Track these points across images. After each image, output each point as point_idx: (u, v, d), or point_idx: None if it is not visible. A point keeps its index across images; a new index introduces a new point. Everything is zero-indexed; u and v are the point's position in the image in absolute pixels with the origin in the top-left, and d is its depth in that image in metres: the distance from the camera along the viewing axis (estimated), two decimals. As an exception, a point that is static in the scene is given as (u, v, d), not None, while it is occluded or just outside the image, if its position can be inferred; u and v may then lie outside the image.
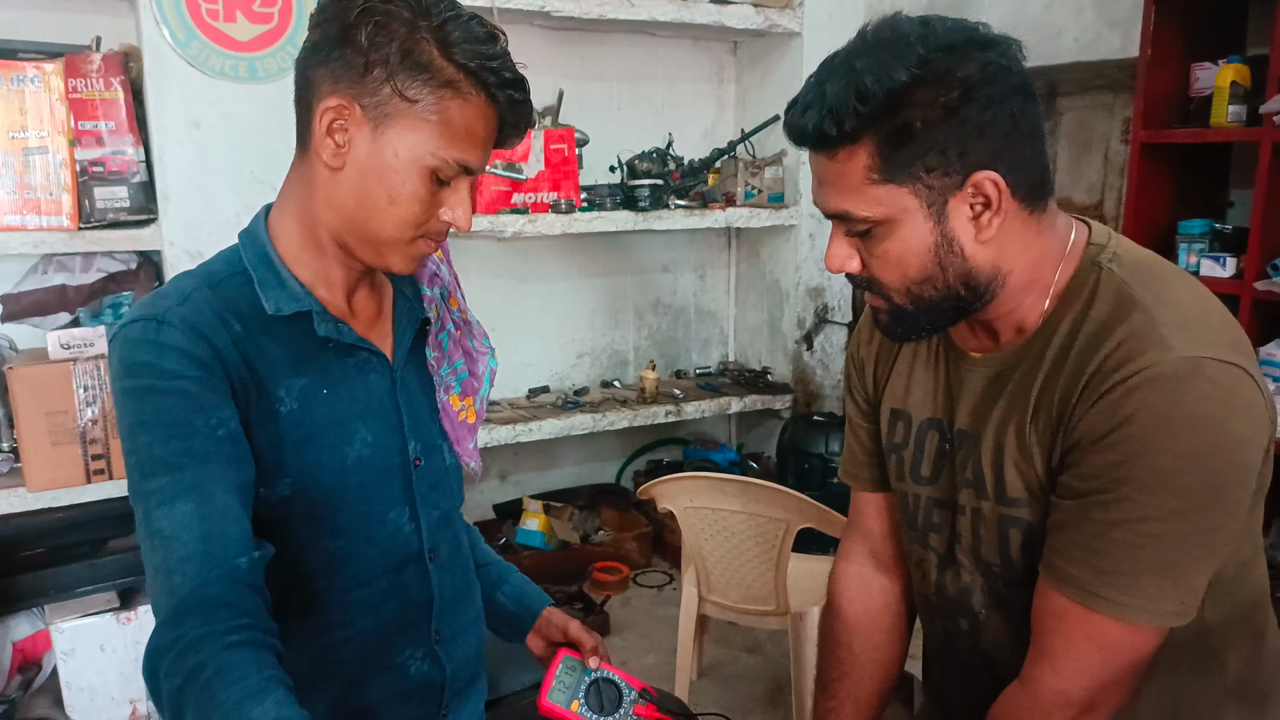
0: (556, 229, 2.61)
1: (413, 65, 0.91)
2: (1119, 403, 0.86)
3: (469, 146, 0.94)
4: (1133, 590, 0.88)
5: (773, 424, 3.24)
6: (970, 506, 1.04)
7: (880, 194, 0.90)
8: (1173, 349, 0.85)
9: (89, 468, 2.06)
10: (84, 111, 2.05)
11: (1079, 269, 0.96)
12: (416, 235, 0.97)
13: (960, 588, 1.08)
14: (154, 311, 0.94)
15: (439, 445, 1.14)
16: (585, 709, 1.07)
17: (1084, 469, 0.90)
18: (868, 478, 1.22)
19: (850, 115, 0.87)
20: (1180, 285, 0.93)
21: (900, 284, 0.95)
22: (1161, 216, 2.17)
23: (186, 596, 0.85)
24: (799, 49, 2.98)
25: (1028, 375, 0.97)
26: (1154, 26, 2.06)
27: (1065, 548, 0.92)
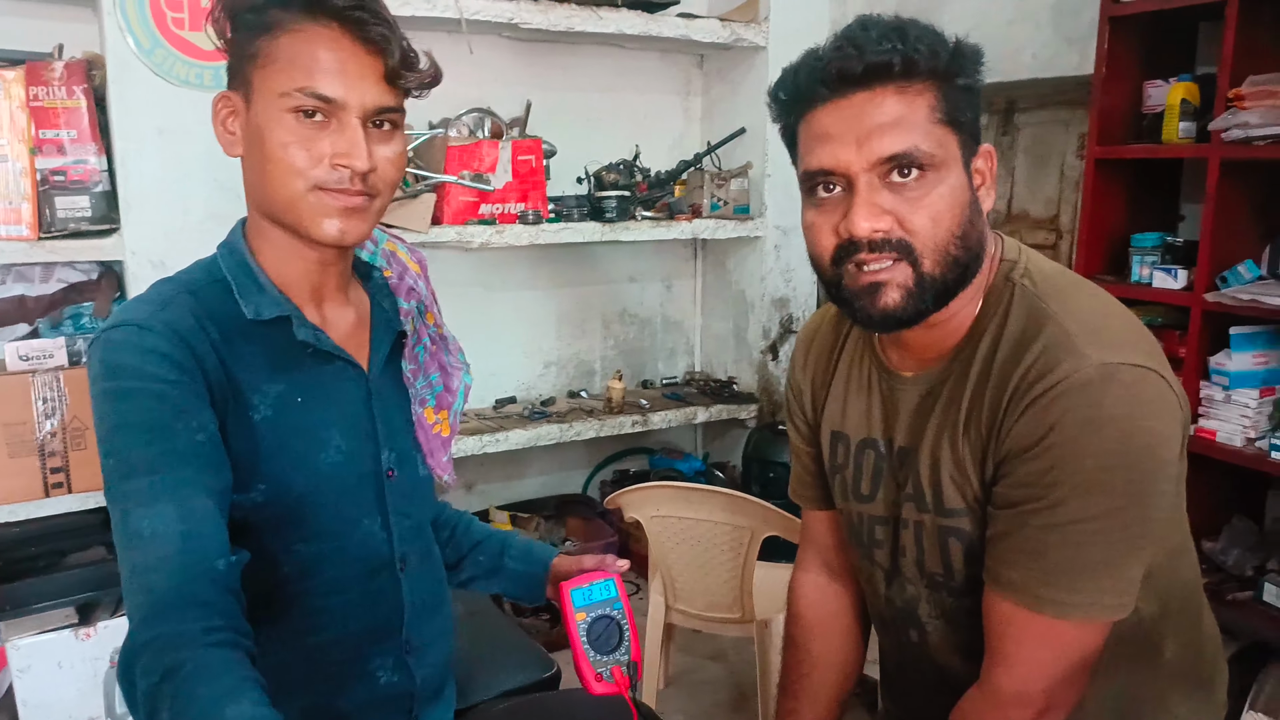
0: (524, 240, 2.62)
1: (248, 27, 0.96)
2: (1043, 412, 0.91)
3: (317, 74, 0.94)
4: (1073, 588, 0.93)
5: (738, 433, 3.26)
6: (913, 520, 1.07)
7: (941, 135, 0.92)
8: (1087, 357, 0.90)
9: (47, 481, 2.03)
10: (45, 120, 2.02)
11: (994, 284, 1.01)
12: (312, 186, 0.96)
13: (906, 599, 1.12)
14: (136, 316, 0.95)
15: (413, 456, 1.14)
16: (584, 629, 1.05)
17: (1016, 478, 0.95)
18: (814, 497, 1.27)
19: (931, 46, 0.90)
20: (1086, 295, 0.99)
21: (942, 239, 0.93)
22: (1115, 230, 2.23)
23: (165, 595, 0.85)
24: (764, 63, 3.01)
25: (956, 389, 1.01)
26: (1109, 45, 2.12)
27: (1006, 555, 0.96)
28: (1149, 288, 2.10)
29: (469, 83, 2.81)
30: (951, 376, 1.02)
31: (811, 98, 0.94)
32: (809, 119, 0.95)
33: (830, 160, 0.93)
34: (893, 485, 1.10)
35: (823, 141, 0.93)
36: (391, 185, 1.01)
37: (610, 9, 2.69)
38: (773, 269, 3.14)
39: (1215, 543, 2.07)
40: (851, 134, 0.91)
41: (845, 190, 0.94)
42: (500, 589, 1.31)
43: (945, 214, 0.93)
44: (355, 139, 0.95)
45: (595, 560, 1.16)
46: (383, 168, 0.99)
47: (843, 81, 0.91)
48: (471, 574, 1.31)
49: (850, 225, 0.93)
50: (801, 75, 0.95)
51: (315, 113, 0.95)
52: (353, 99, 0.95)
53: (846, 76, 0.90)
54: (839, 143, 0.92)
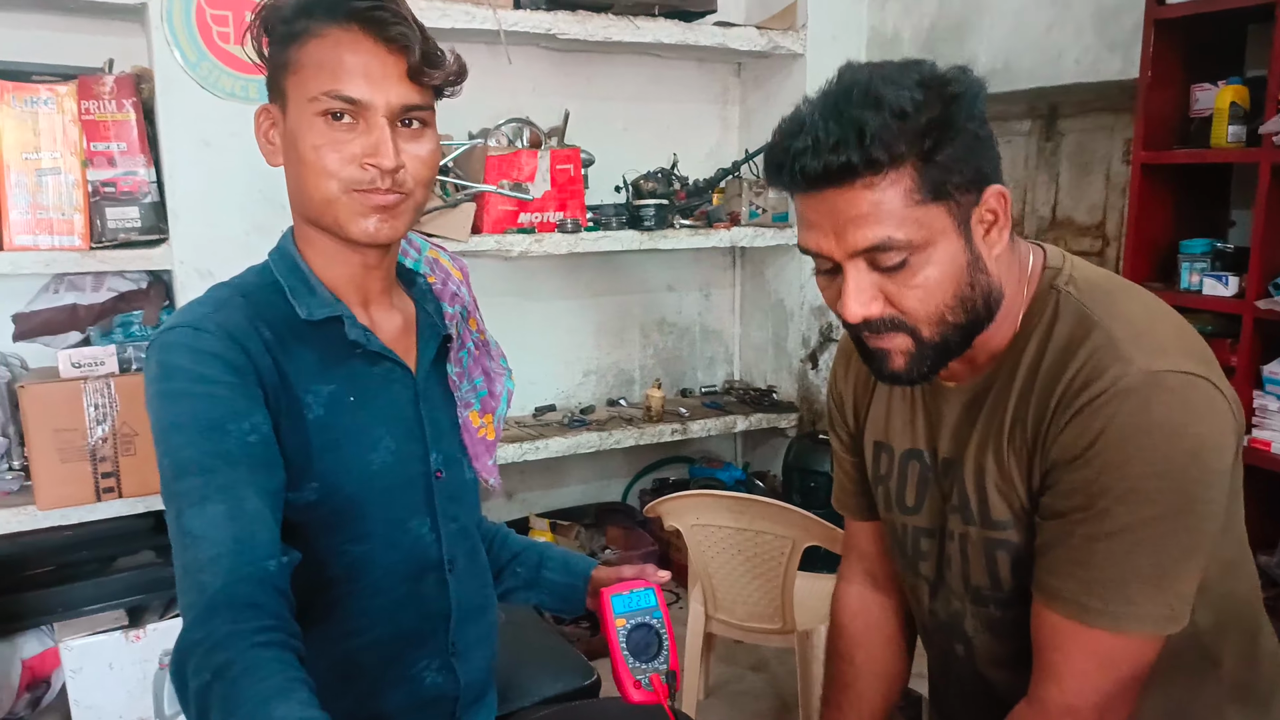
0: (562, 248, 2.63)
1: (280, 39, 0.99)
2: (1089, 420, 0.90)
3: (342, 76, 0.96)
4: (1122, 599, 0.91)
5: (778, 442, 3.25)
6: (958, 532, 1.06)
7: (923, 215, 0.89)
8: (1133, 363, 0.89)
9: (98, 486, 2.07)
10: (96, 132, 2.07)
11: (1038, 293, 0.99)
12: (345, 186, 0.98)
13: (951, 613, 1.11)
14: (192, 318, 0.98)
15: (459, 459, 1.16)
16: (624, 636, 1.05)
17: (1063, 488, 0.93)
18: (857, 506, 1.25)
19: (894, 135, 0.85)
20: (1132, 300, 0.97)
21: (936, 312, 0.92)
22: (1163, 236, 2.19)
23: (216, 595, 0.86)
24: (802, 70, 3.01)
25: (1000, 398, 1.00)
26: (1154, 48, 2.08)
27: (1054, 566, 0.95)
28: (1199, 295, 2.06)
29: (507, 93, 2.84)
30: (995, 385, 1.01)
31: (790, 186, 0.93)
32: (794, 198, 0.95)
33: (814, 245, 0.93)
34: (938, 496, 1.09)
35: (808, 226, 0.93)
36: (424, 183, 1.03)
37: (647, 18, 2.70)
38: (811, 277, 3.10)
39: (1271, 556, 2.01)
40: (829, 225, 0.90)
41: (837, 269, 0.93)
42: (539, 600, 1.32)
43: (936, 289, 0.91)
44: (382, 138, 0.97)
45: (635, 570, 1.16)
46: (412, 165, 1.00)
47: (808, 180, 0.89)
48: (510, 586, 1.31)
49: (842, 311, 0.93)
50: (771, 169, 0.93)
51: (343, 115, 0.97)
52: (378, 99, 0.97)
53: (810, 177, 0.88)
54: (820, 232, 0.92)
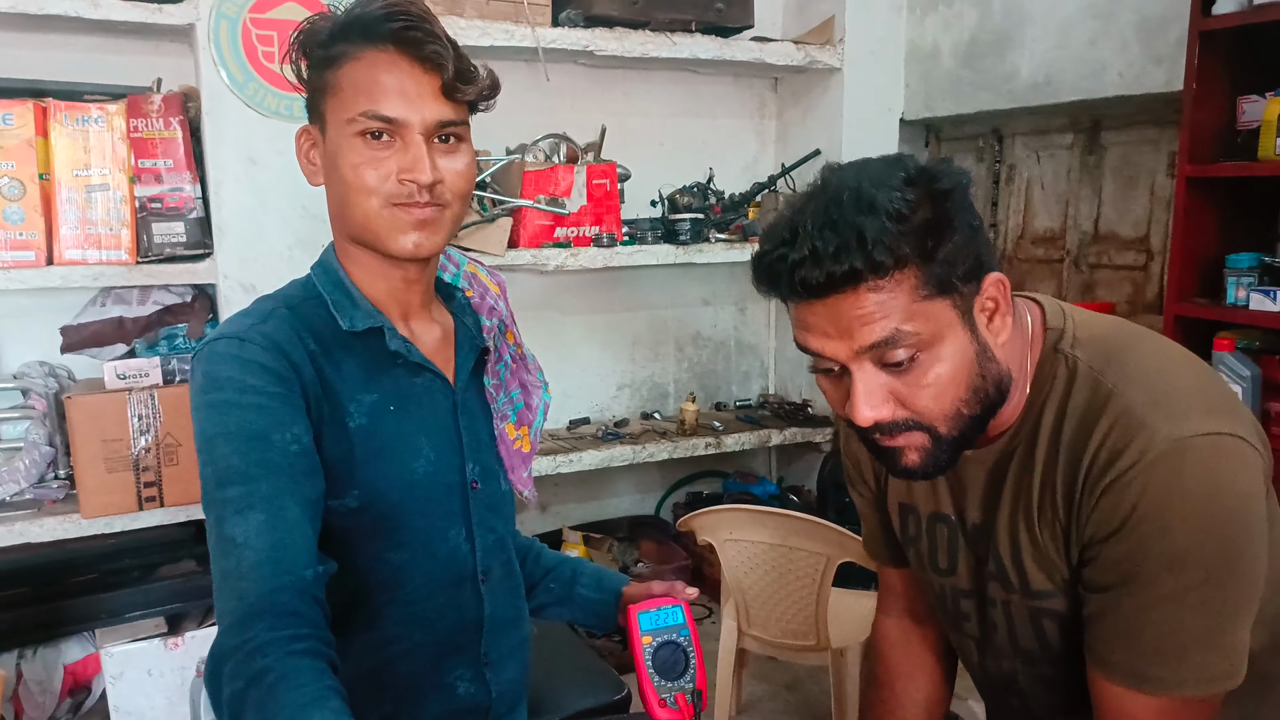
0: (598, 262, 2.64)
1: (318, 63, 1.02)
2: (1120, 496, 0.89)
3: (378, 96, 0.98)
4: (1181, 665, 0.90)
5: (813, 457, 3.22)
6: (1000, 599, 1.05)
7: (929, 310, 0.87)
8: (1158, 431, 0.87)
9: (141, 495, 2.11)
10: (144, 150, 2.12)
11: (1043, 357, 0.98)
12: (386, 203, 1.00)
13: (1003, 672, 1.10)
14: (237, 330, 1.00)
15: (495, 470, 1.17)
16: (650, 653, 1.05)
17: (1103, 562, 0.92)
18: (886, 556, 1.24)
19: (895, 238, 0.84)
20: (1142, 357, 0.95)
21: (951, 408, 0.90)
22: (1209, 250, 2.14)
23: (255, 602, 0.88)
24: (839, 85, 3.00)
25: (1024, 468, 0.98)
26: (1199, 60, 2.05)
27: (1105, 637, 0.94)
28: (1245, 310, 2.01)
29: (545, 109, 2.86)
30: (1016, 455, 0.99)
31: (786, 294, 0.90)
32: (790, 305, 0.92)
33: (818, 347, 0.90)
34: (972, 559, 1.07)
35: (808, 330, 0.91)
36: (461, 196, 1.05)
37: (684, 35, 2.71)
38: (848, 291, 3.10)
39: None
40: (832, 327, 0.88)
41: (844, 370, 0.91)
42: (572, 616, 1.32)
43: (948, 385, 0.89)
44: (418, 154, 0.99)
45: (664, 586, 1.16)
46: (450, 179, 1.02)
47: (809, 291, 0.87)
48: (543, 601, 1.32)
49: (853, 416, 0.90)
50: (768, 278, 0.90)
51: (381, 133, 0.99)
52: (413, 116, 0.99)
53: (810, 288, 0.86)
54: (822, 335, 0.89)
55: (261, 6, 2.20)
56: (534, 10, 2.51)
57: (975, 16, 2.83)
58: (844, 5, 2.95)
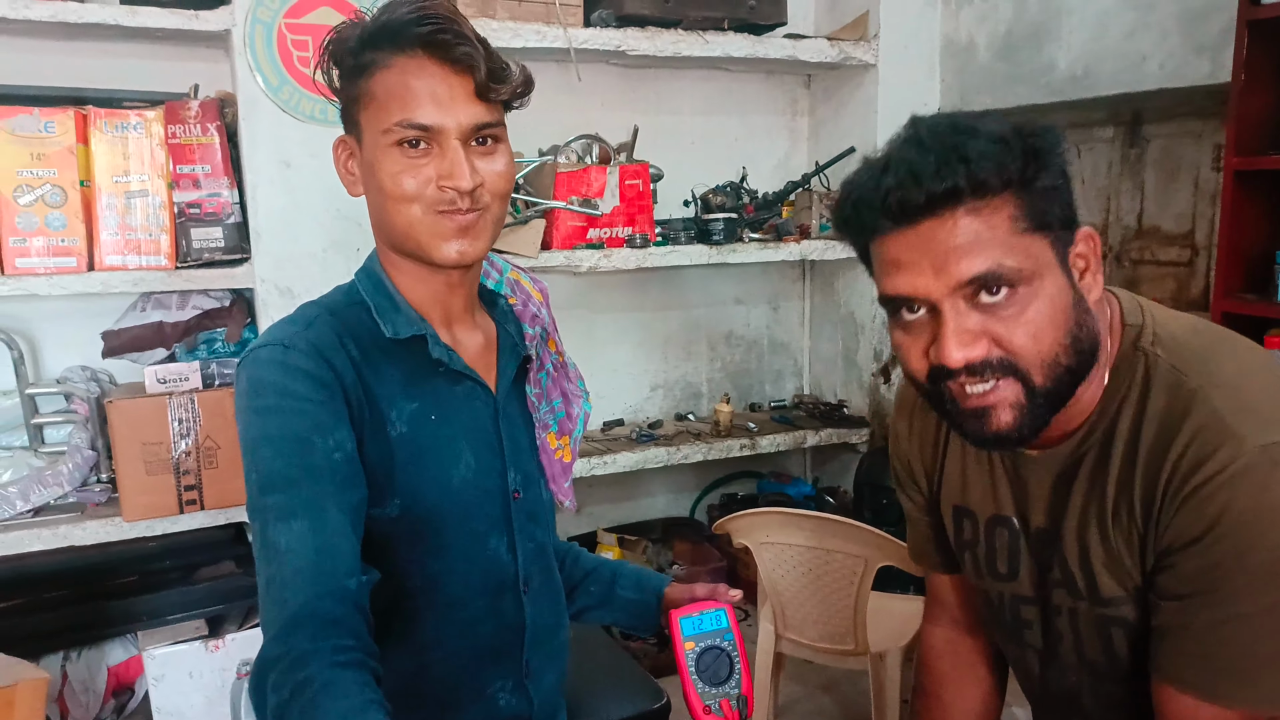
0: (631, 263, 2.63)
1: (349, 73, 1.01)
2: (1204, 505, 0.85)
3: (412, 104, 0.97)
4: (1257, 684, 0.87)
5: (848, 458, 3.19)
6: (1066, 607, 1.01)
7: (1028, 244, 0.84)
8: (1245, 439, 0.84)
9: (181, 498, 2.13)
10: (182, 156, 2.14)
11: (1122, 352, 0.93)
12: (427, 211, 0.99)
13: (1066, 687, 1.06)
14: (281, 336, 1.00)
15: (537, 479, 1.16)
16: (693, 659, 1.03)
17: (1181, 572, 0.89)
18: (936, 561, 1.21)
19: (999, 156, 0.82)
20: (1225, 360, 0.91)
21: (1050, 352, 0.85)
22: (1256, 246, 2.09)
23: (298, 611, 0.87)
24: (874, 81, 2.97)
25: (1098, 473, 0.94)
26: (1246, 51, 2.00)
27: (1176, 649, 0.90)
28: (1296, 308, 1.97)
29: (577, 110, 2.85)
30: (1088, 457, 0.95)
31: (876, 228, 0.87)
32: (878, 245, 0.88)
33: (908, 287, 0.86)
34: (1035, 566, 1.04)
35: (897, 269, 0.86)
36: (502, 196, 1.04)
37: (716, 33, 2.69)
38: (883, 290, 3.06)
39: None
40: (926, 260, 0.84)
41: (931, 312, 0.87)
42: (613, 619, 1.31)
43: (1048, 326, 0.85)
44: (457, 159, 0.98)
45: (707, 589, 1.14)
46: (490, 180, 1.01)
47: (905, 213, 0.84)
48: (584, 604, 1.31)
49: (942, 355, 0.85)
50: (861, 207, 0.87)
51: (418, 141, 0.98)
52: (449, 122, 0.98)
53: (909, 209, 0.83)
54: (914, 270, 0.85)
55: (296, 11, 2.21)
56: (565, 11, 2.50)
57: (1011, 9, 2.79)
58: (878, 0, 2.92)
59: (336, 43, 1.02)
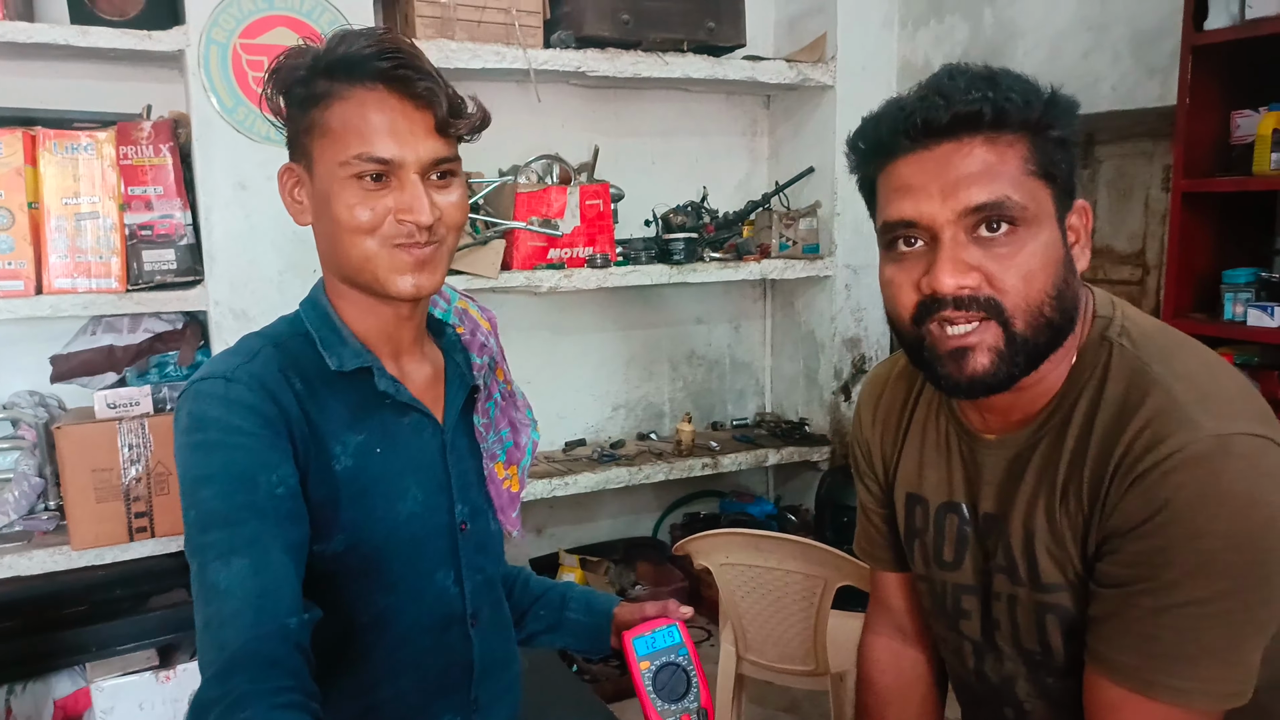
0: (592, 283, 2.63)
1: (300, 101, 0.99)
2: (1154, 488, 0.85)
3: (372, 138, 0.96)
4: (1192, 675, 0.86)
5: (810, 476, 3.20)
6: (1006, 593, 1.01)
7: (1033, 187, 0.87)
8: (1201, 427, 0.84)
9: (132, 525, 2.09)
10: (134, 177, 2.11)
11: (1089, 341, 0.95)
12: (384, 244, 0.98)
13: (1003, 676, 1.05)
14: (224, 369, 0.98)
15: (485, 510, 1.16)
16: (649, 678, 1.03)
17: (1124, 556, 0.88)
18: (886, 558, 1.21)
19: (1021, 97, 0.86)
20: (1191, 355, 0.92)
21: (1036, 299, 0.87)
22: (1205, 265, 2.13)
23: (237, 651, 0.85)
24: (832, 102, 3.00)
25: (1050, 455, 0.95)
26: (1192, 75, 2.04)
27: (1113, 636, 0.90)
28: (1243, 326, 2.00)
29: (537, 130, 2.86)
30: (1043, 441, 0.96)
31: (893, 148, 0.90)
32: (890, 170, 0.91)
33: (913, 211, 0.88)
34: (980, 553, 1.04)
35: (905, 193, 0.89)
36: (457, 228, 1.03)
37: (676, 54, 2.71)
38: (843, 308, 3.09)
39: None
40: (936, 185, 0.87)
41: (928, 244, 0.89)
42: (564, 643, 1.30)
43: (1039, 272, 0.87)
44: (416, 194, 0.97)
45: (657, 607, 1.14)
46: (447, 213, 1.01)
47: (927, 132, 0.87)
48: (534, 629, 1.30)
49: (934, 281, 0.87)
50: (883, 125, 0.90)
51: (377, 175, 0.97)
52: (409, 156, 0.97)
53: (932, 126, 0.86)
54: (922, 194, 0.87)
55: (252, 32, 2.20)
56: (525, 32, 2.51)
57: (967, 31, 2.83)
58: (835, 22, 2.96)
59: (286, 69, 1.00)
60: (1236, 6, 1.95)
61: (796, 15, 3.14)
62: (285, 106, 1.02)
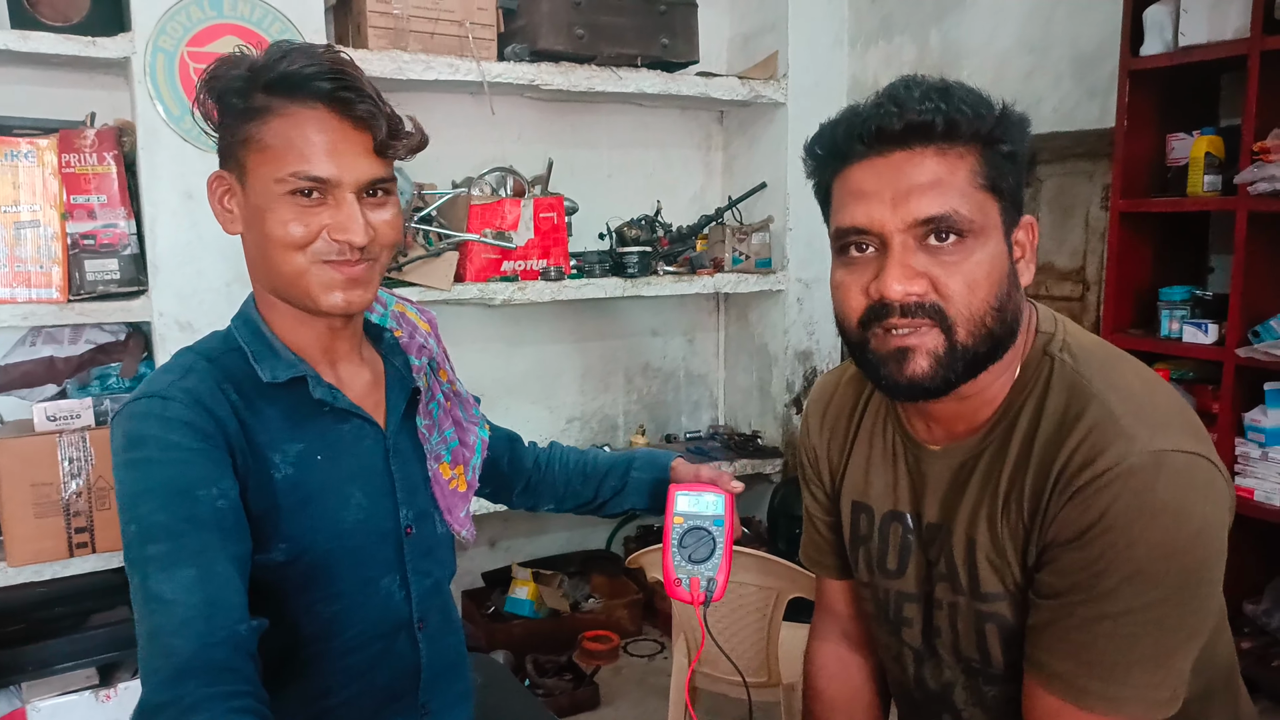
0: (545, 296, 2.63)
1: (235, 112, 0.98)
2: (1091, 500, 0.87)
3: (310, 156, 0.96)
4: (1125, 682, 0.88)
5: (763, 488, 3.23)
6: (947, 601, 1.03)
7: (981, 200, 0.89)
8: (1136, 441, 0.87)
9: (72, 541, 2.04)
10: (77, 185, 2.07)
11: (1031, 356, 0.98)
12: (314, 260, 0.98)
13: (942, 683, 1.07)
14: (158, 388, 0.97)
15: (430, 514, 1.15)
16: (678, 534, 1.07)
17: (1062, 566, 0.90)
18: (831, 565, 1.22)
19: (973, 109, 0.88)
20: (1129, 372, 0.95)
21: (979, 309, 0.90)
22: (1142, 283, 2.20)
23: (189, 659, 0.84)
24: (784, 118, 3.04)
25: (993, 465, 0.97)
26: (1129, 99, 2.11)
27: (1050, 645, 0.92)
28: (1179, 342, 2.07)
29: (492, 142, 2.85)
30: (987, 452, 0.98)
31: (848, 154, 0.92)
32: (844, 175, 0.93)
33: (864, 218, 0.90)
34: (923, 562, 1.06)
35: (858, 199, 0.91)
36: (390, 246, 1.03)
37: (630, 69, 2.72)
38: (795, 322, 3.13)
39: (1257, 604, 2.00)
40: (888, 192, 0.89)
41: (878, 250, 0.91)
42: (631, 503, 1.36)
43: (982, 282, 0.89)
44: (352, 213, 0.97)
45: (712, 473, 1.15)
46: (380, 231, 1.01)
47: (881, 139, 0.89)
48: (605, 497, 1.36)
49: (882, 286, 0.89)
50: (840, 130, 0.92)
51: (311, 191, 0.97)
52: (346, 176, 0.97)
53: (885, 134, 0.88)
54: (874, 201, 0.89)
55: (200, 40, 2.17)
56: (479, 45, 2.51)
57: (914, 51, 2.89)
58: (787, 41, 3.00)
59: (222, 78, 0.99)
60: (1170, 33, 2.01)
61: (749, 33, 3.18)
62: (219, 115, 1.01)
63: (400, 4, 2.41)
